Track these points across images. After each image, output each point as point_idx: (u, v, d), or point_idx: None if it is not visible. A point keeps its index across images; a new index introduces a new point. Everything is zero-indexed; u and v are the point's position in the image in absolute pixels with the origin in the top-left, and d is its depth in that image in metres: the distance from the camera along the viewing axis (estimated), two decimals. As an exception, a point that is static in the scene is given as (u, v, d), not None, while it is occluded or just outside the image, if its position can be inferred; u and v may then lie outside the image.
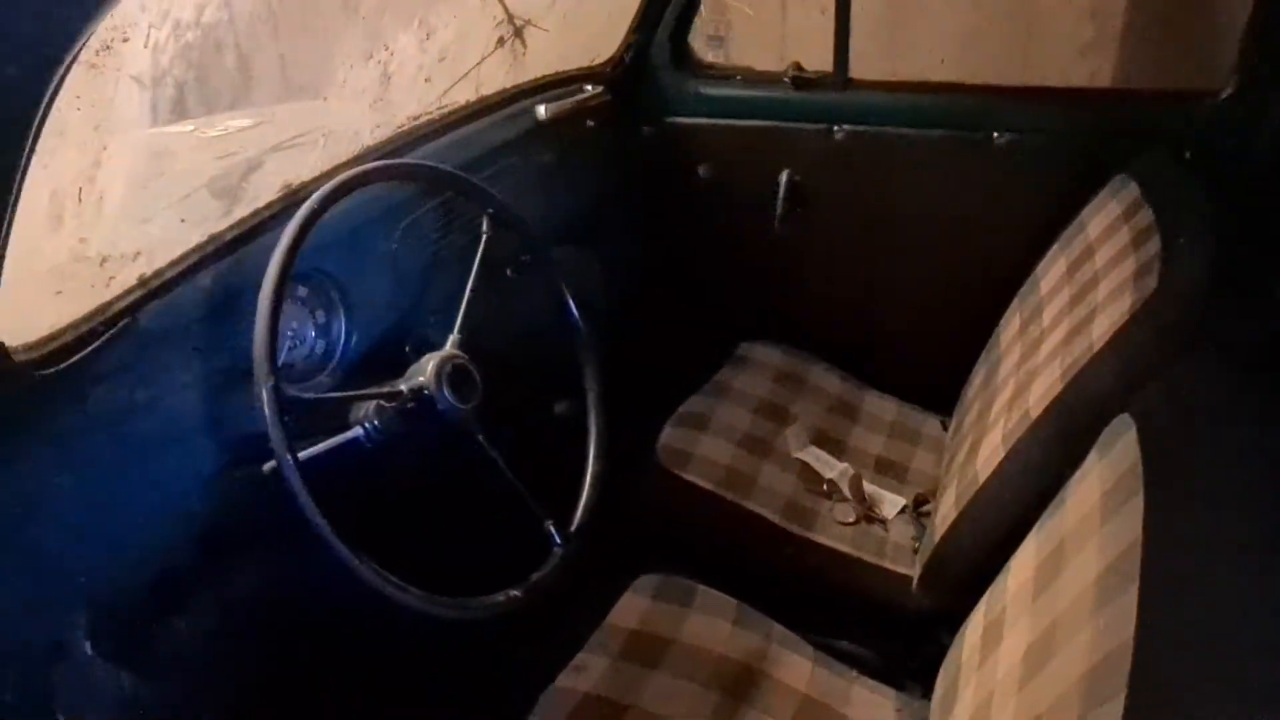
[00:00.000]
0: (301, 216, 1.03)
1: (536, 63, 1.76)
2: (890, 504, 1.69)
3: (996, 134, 1.81)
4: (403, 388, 1.14)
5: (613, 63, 1.96)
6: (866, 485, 1.71)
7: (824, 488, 1.70)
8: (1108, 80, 2.09)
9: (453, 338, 1.21)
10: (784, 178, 1.99)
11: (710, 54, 2.21)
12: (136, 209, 1.02)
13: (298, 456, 0.98)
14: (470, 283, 1.27)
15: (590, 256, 1.91)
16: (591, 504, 1.31)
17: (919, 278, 1.99)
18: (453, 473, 1.30)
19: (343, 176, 1.11)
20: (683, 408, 1.83)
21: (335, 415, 1.13)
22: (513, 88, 1.69)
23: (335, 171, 1.22)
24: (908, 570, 1.55)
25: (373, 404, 1.13)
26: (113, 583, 1.02)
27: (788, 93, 1.96)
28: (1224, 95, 1.65)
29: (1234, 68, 1.65)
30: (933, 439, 1.88)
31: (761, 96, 1.99)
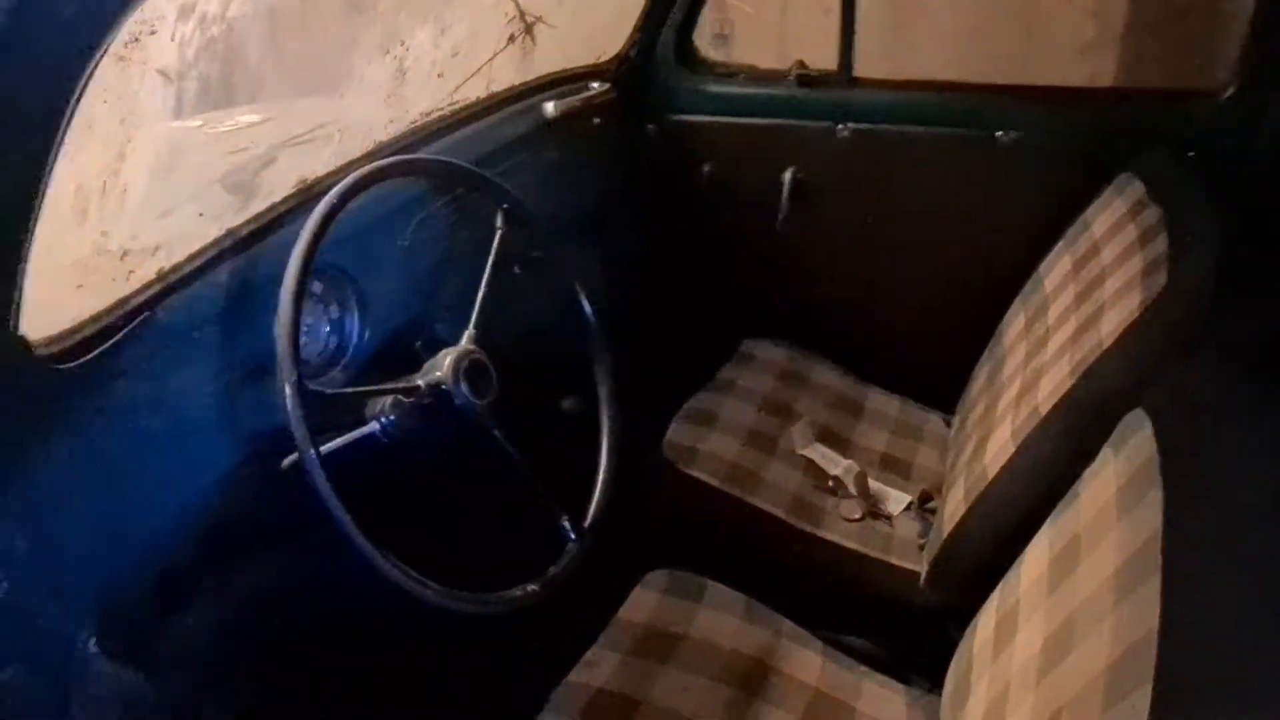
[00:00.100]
0: (322, 211, 1.03)
1: (542, 60, 1.76)
2: (895, 500, 1.70)
3: (1000, 132, 1.82)
4: (420, 383, 1.14)
5: (618, 60, 1.96)
6: (871, 482, 1.71)
7: (829, 484, 1.71)
8: (1108, 80, 2.11)
9: (468, 333, 1.21)
10: (788, 175, 2.00)
11: (715, 52, 2.20)
12: (155, 203, 1.01)
13: (320, 451, 0.98)
14: (485, 278, 1.27)
15: (594, 254, 1.91)
16: (605, 499, 1.32)
17: (922, 275, 2.00)
18: (466, 469, 1.30)
19: (363, 171, 1.11)
20: (688, 404, 1.83)
21: (351, 411, 1.13)
22: (521, 85, 1.70)
23: (349, 167, 1.22)
24: (914, 566, 1.55)
25: (389, 399, 1.13)
26: (123, 578, 1.02)
27: (792, 91, 1.96)
28: (1225, 95, 1.67)
29: (1235, 68, 1.66)
30: (936, 436, 1.89)
31: (766, 94, 2.00)
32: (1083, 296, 1.44)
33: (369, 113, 1.34)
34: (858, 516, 1.65)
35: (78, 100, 0.66)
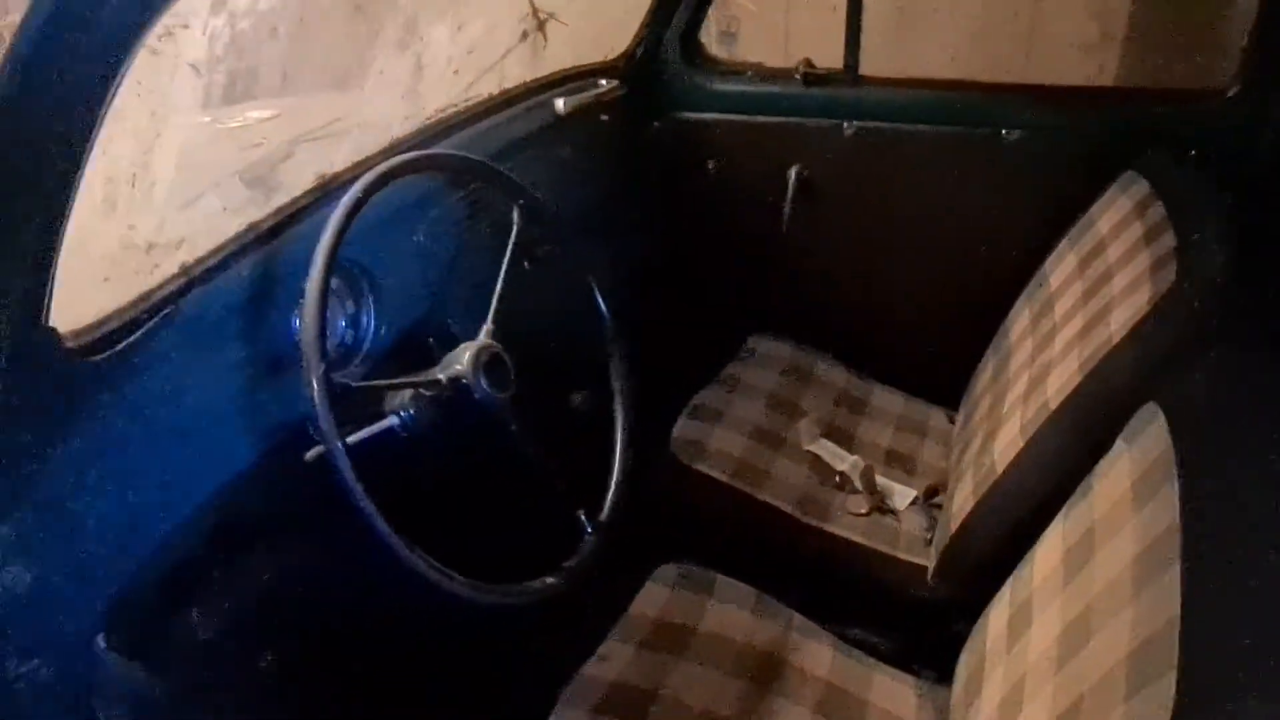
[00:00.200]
0: (347, 204, 1.04)
1: (550, 57, 1.76)
2: (901, 495, 1.71)
3: (1005, 131, 1.83)
4: (441, 376, 1.15)
5: (625, 57, 1.97)
6: (877, 477, 1.73)
7: (836, 480, 1.72)
8: (1111, 79, 2.12)
9: (486, 327, 1.22)
10: (793, 173, 2.01)
11: (721, 50, 2.21)
12: (178, 196, 1.02)
13: (347, 443, 0.98)
14: (503, 273, 1.27)
15: (600, 250, 1.92)
16: (620, 492, 1.32)
17: (925, 273, 2.01)
18: (480, 463, 1.30)
19: (388, 164, 1.12)
20: (695, 401, 1.84)
21: (369, 404, 1.14)
22: (533, 81, 1.70)
23: (367, 162, 1.22)
24: (921, 560, 1.57)
25: (408, 393, 1.13)
26: (138, 572, 1.02)
27: (798, 89, 1.97)
28: (1228, 94, 1.68)
29: (1238, 67, 1.68)
30: (940, 432, 1.90)
31: (772, 92, 2.00)
32: (1089, 293, 1.45)
33: (384, 108, 1.35)
34: (864, 511, 1.66)
35: (116, 91, 0.67)
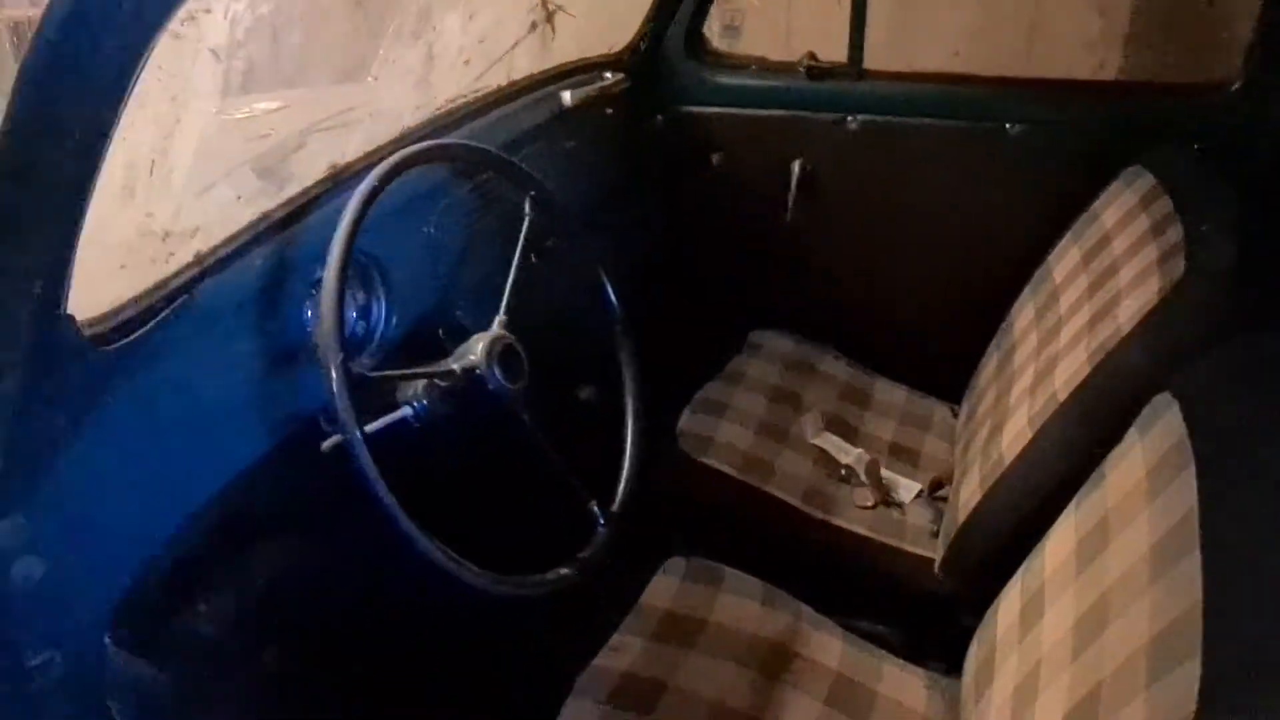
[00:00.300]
0: (363, 192, 1.04)
1: (556, 49, 1.76)
2: (906, 488, 1.72)
3: (1008, 125, 1.84)
4: (455, 367, 1.14)
5: (629, 51, 1.97)
6: (882, 470, 1.73)
7: (842, 473, 1.72)
8: (1114, 74, 2.13)
9: (499, 318, 1.22)
10: (796, 167, 2.01)
11: (725, 44, 2.21)
12: (195, 184, 1.01)
13: (365, 432, 0.98)
14: (515, 264, 1.27)
15: (604, 244, 1.92)
16: (633, 483, 1.32)
17: (928, 267, 2.02)
18: (492, 454, 1.30)
19: (403, 153, 1.12)
20: (699, 395, 1.84)
21: (382, 395, 1.13)
22: (540, 73, 1.70)
23: (379, 152, 1.22)
24: (928, 552, 1.57)
25: (421, 383, 1.13)
26: (148, 567, 1.02)
27: (802, 82, 1.97)
28: (1232, 89, 1.69)
29: (1242, 61, 1.68)
30: (943, 426, 1.90)
31: (776, 86, 2.00)
32: (1096, 286, 1.45)
33: (396, 97, 1.34)
34: (870, 504, 1.67)
35: (139, 76, 0.66)
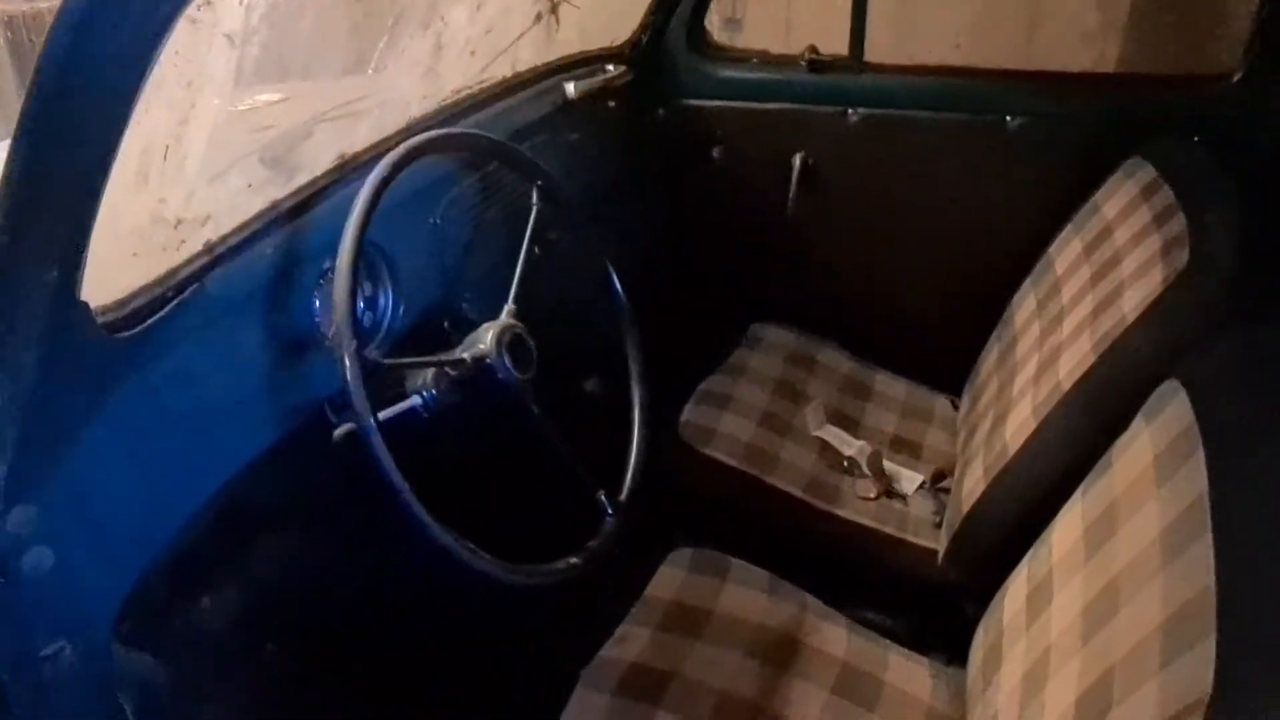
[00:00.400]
0: (374, 181, 1.04)
1: (559, 41, 1.76)
2: (908, 480, 1.72)
3: (1009, 118, 1.84)
4: (465, 356, 1.14)
5: (631, 44, 1.97)
6: (885, 462, 1.73)
7: (844, 464, 1.73)
8: (1113, 66, 2.14)
9: (508, 308, 1.22)
10: (798, 160, 2.01)
11: (726, 37, 2.21)
12: (207, 171, 1.01)
13: (379, 419, 0.98)
14: (523, 254, 1.27)
15: (607, 236, 1.92)
16: (640, 472, 1.33)
17: (929, 260, 2.02)
18: (499, 444, 1.30)
19: (414, 141, 1.12)
20: (702, 387, 1.84)
21: (392, 385, 1.13)
22: (544, 65, 1.70)
23: (386, 142, 1.21)
24: (931, 543, 1.58)
25: (430, 373, 1.13)
26: (154, 560, 1.01)
27: (803, 75, 1.97)
28: (1232, 80, 1.70)
29: (1242, 52, 1.69)
30: (944, 418, 1.91)
31: (777, 79, 2.01)
32: (1098, 276, 1.46)
33: (404, 87, 1.34)
34: (873, 496, 1.67)
35: (155, 62, 0.66)
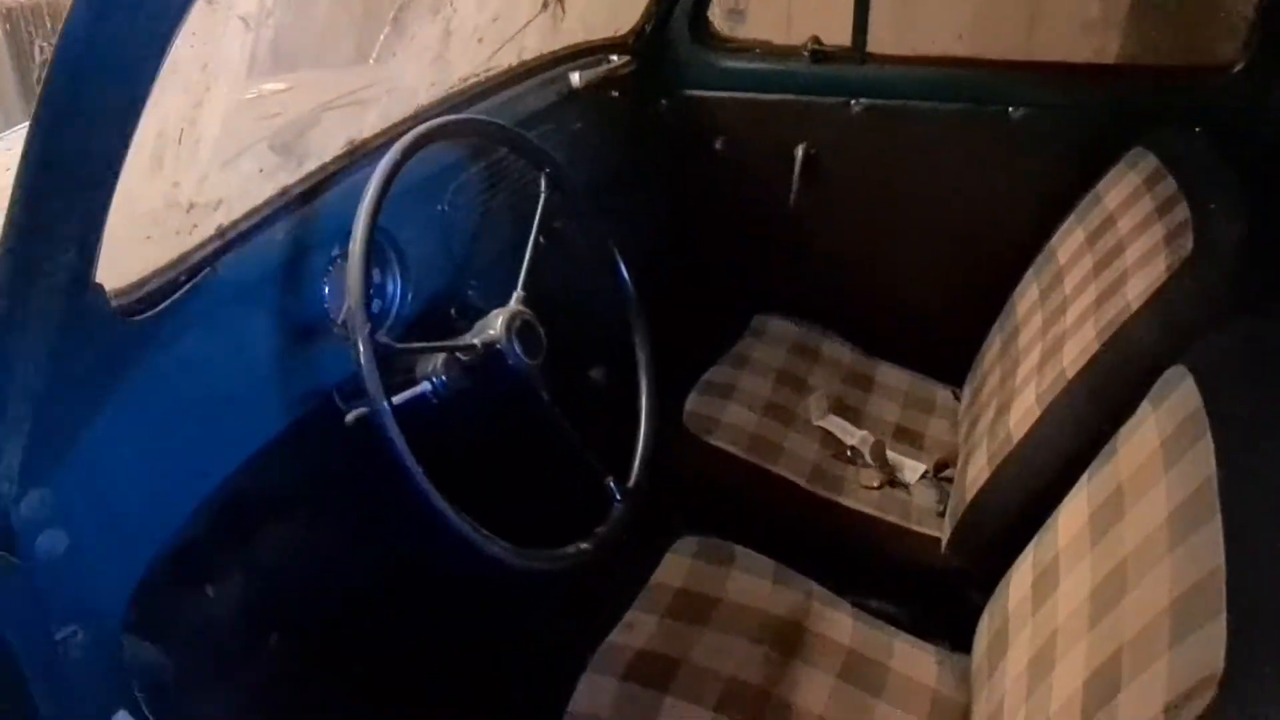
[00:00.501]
0: (386, 167, 1.04)
1: (563, 29, 1.76)
2: (911, 469, 1.73)
3: (1011, 109, 1.85)
4: (475, 341, 1.15)
5: (634, 34, 1.97)
6: (887, 452, 1.74)
7: (847, 454, 1.73)
8: (1113, 57, 2.14)
9: (517, 294, 1.22)
10: (800, 151, 2.01)
11: (729, 27, 2.21)
12: (220, 155, 1.01)
13: (393, 403, 0.98)
14: (532, 238, 1.28)
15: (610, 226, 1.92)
16: (648, 459, 1.33)
17: (930, 251, 2.03)
18: (507, 430, 1.30)
19: (425, 127, 1.12)
20: (705, 377, 1.85)
21: (401, 371, 1.14)
22: (549, 54, 1.70)
23: (394, 129, 1.22)
24: (934, 532, 1.59)
25: (440, 359, 1.13)
26: (163, 545, 1.01)
27: (806, 66, 1.97)
28: (1234, 70, 1.70)
29: (1243, 43, 1.70)
30: (946, 408, 1.92)
31: (779, 70, 2.01)
32: (1101, 265, 1.46)
33: (410, 76, 1.34)
34: (876, 485, 1.68)
35: (173, 45, 0.66)
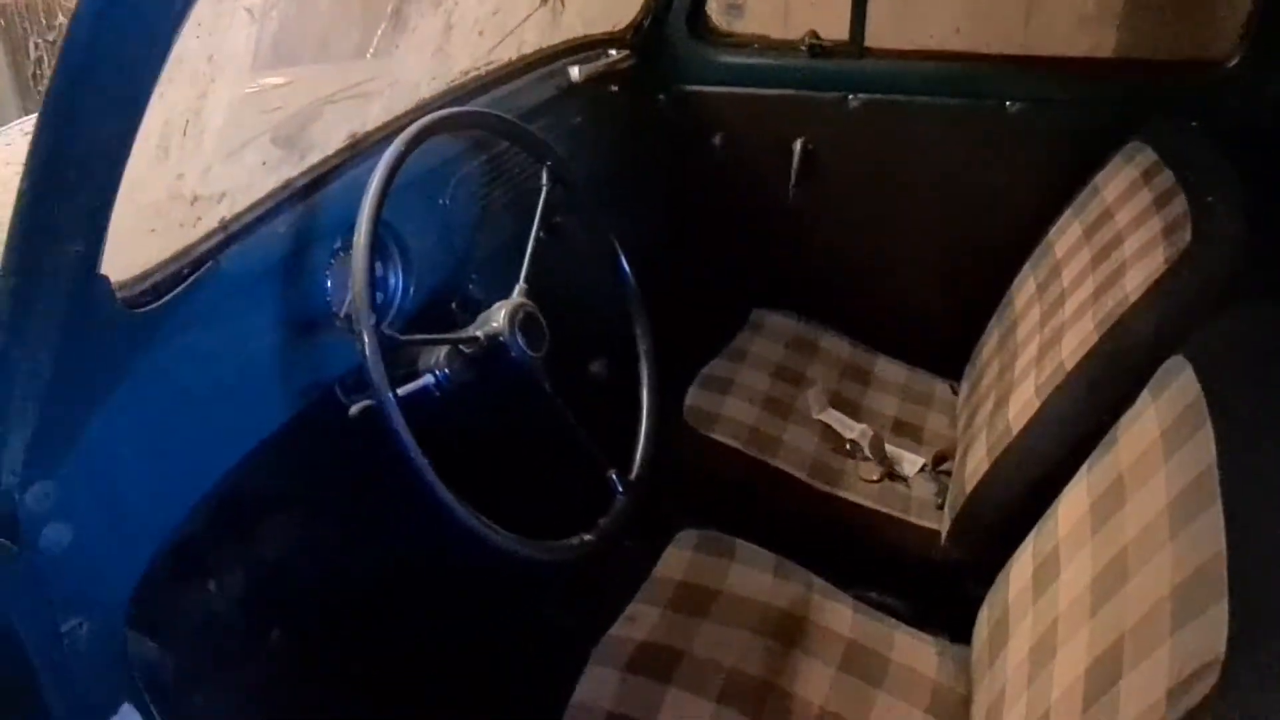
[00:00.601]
0: (390, 159, 1.04)
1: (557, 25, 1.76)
2: (910, 463, 1.74)
3: (1009, 103, 1.85)
4: (478, 334, 1.15)
5: (632, 28, 1.97)
6: (886, 445, 1.75)
7: (847, 447, 1.74)
8: (1111, 50, 2.14)
9: (520, 286, 1.22)
10: (798, 145, 2.02)
11: (727, 22, 2.21)
12: (224, 148, 1.01)
13: (398, 394, 0.98)
14: (534, 231, 1.28)
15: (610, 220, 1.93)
16: (650, 451, 1.34)
17: (928, 245, 2.03)
18: (510, 422, 1.31)
19: (429, 118, 1.12)
20: (704, 371, 1.85)
21: (404, 363, 1.14)
22: (549, 48, 1.70)
23: (396, 122, 1.22)
24: (933, 524, 1.59)
25: (442, 351, 1.14)
26: (166, 539, 1.02)
27: (804, 61, 1.98)
28: (1231, 64, 1.71)
29: (1240, 37, 1.70)
30: (944, 402, 1.92)
31: (778, 65, 2.01)
32: (1099, 258, 1.47)
33: (410, 70, 1.34)
34: (875, 478, 1.68)
35: (179, 35, 0.66)
